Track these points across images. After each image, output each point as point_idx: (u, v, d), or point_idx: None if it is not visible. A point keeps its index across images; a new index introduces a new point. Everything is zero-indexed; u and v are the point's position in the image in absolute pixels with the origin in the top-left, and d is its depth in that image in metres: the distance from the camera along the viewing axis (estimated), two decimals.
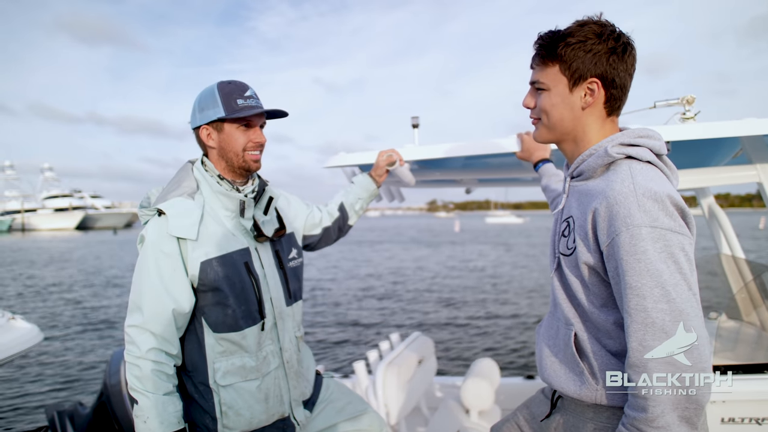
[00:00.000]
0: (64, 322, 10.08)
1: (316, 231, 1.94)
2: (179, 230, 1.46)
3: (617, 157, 1.12)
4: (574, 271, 1.16)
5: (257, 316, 1.55)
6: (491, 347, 7.97)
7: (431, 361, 3.41)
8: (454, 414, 3.03)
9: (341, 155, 2.25)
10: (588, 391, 1.15)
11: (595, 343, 1.16)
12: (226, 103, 1.52)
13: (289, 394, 1.64)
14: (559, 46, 1.15)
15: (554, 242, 1.29)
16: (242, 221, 1.57)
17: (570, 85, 1.17)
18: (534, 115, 1.27)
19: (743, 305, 2.56)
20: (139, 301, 1.45)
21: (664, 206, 1.01)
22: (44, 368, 7.01)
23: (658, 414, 0.97)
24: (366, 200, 2.08)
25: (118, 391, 2.92)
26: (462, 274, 17.03)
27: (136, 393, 1.42)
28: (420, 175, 2.74)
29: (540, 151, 1.90)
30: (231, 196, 1.55)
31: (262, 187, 1.66)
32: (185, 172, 1.60)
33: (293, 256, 1.72)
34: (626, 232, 1.00)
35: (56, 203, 70.38)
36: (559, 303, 1.25)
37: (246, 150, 1.56)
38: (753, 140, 1.88)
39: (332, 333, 9.00)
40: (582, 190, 1.18)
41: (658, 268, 0.97)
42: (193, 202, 1.52)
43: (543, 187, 1.83)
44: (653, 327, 0.97)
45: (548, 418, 1.34)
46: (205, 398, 1.52)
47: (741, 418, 1.91)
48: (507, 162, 2.55)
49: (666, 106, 1.92)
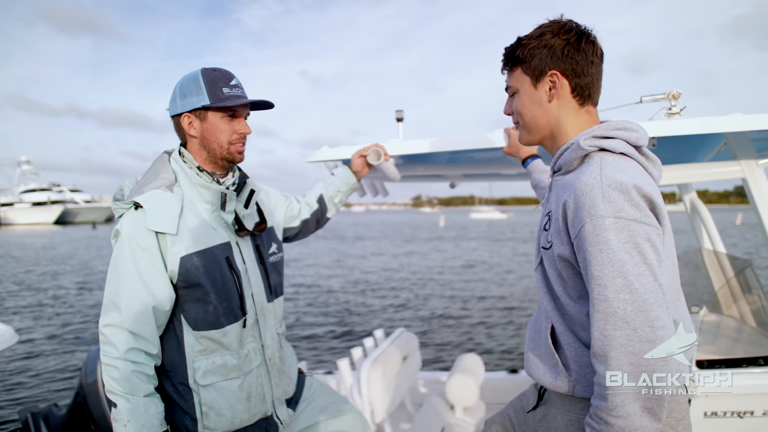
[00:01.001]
0: (39, 321, 9.86)
1: (294, 223, 1.90)
2: (158, 224, 1.39)
3: (589, 149, 1.13)
4: (552, 264, 1.18)
5: (239, 313, 1.50)
6: (474, 341, 8.00)
7: (416, 356, 3.39)
8: (438, 410, 3.03)
9: (324, 150, 2.21)
10: (562, 382, 1.17)
11: (569, 336, 1.17)
12: (211, 90, 1.45)
13: (272, 392, 1.60)
14: (518, 50, 1.22)
15: (538, 237, 1.31)
16: (223, 215, 1.52)
17: (533, 82, 1.22)
18: (514, 119, 1.33)
19: (724, 299, 2.59)
20: (116, 298, 1.39)
21: (629, 197, 1.01)
22: (18, 369, 6.84)
23: (618, 403, 0.97)
24: (345, 193, 2.05)
25: (94, 391, 2.85)
26: (447, 270, 17.10)
27: (114, 396, 1.36)
28: (405, 170, 2.71)
29: (527, 147, 1.87)
30: (211, 189, 1.49)
31: (243, 179, 1.61)
32: (162, 163, 1.53)
33: (273, 250, 1.68)
34: (590, 222, 1.01)
35: (34, 197, 68.94)
36: (541, 296, 1.26)
37: (231, 141, 1.50)
38: (738, 136, 1.89)
39: (316, 330, 8.96)
40: (560, 184, 1.19)
41: (620, 258, 0.98)
42: (171, 194, 1.45)
43: (533, 184, 1.82)
44: (614, 317, 0.97)
45: (535, 409, 1.36)
46: (185, 399, 1.47)
47: (723, 412, 1.93)
48: (492, 157, 2.54)
49: (652, 101, 1.91)
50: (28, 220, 65.99)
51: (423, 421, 2.93)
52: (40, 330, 9.04)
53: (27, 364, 7.06)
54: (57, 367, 6.99)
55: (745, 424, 1.91)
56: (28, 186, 71.97)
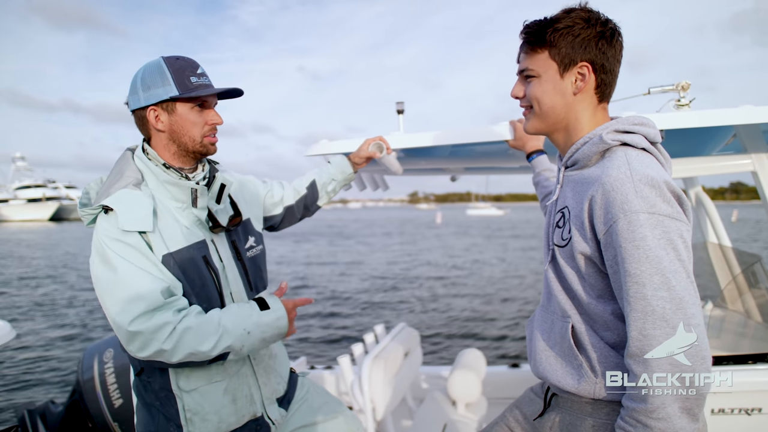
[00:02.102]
0: (36, 317, 9.80)
1: (277, 210, 1.82)
2: (133, 224, 1.29)
3: (612, 144, 1.10)
4: (570, 262, 1.14)
5: None
6: (476, 336, 8.00)
7: (417, 352, 3.36)
8: (440, 406, 2.99)
9: (323, 143, 2.16)
10: (587, 385, 1.12)
11: (593, 335, 1.13)
12: (179, 80, 1.35)
13: (260, 392, 1.53)
14: (548, 32, 1.14)
15: (548, 234, 1.26)
16: (195, 212, 1.43)
17: (560, 71, 1.15)
18: (524, 104, 1.25)
19: (729, 294, 2.57)
20: (123, 293, 1.25)
21: (662, 192, 0.98)
22: (14, 365, 6.80)
23: (658, 405, 0.94)
24: (340, 183, 1.97)
25: (91, 388, 2.84)
26: (447, 266, 17.10)
27: (216, 344, 1.29)
28: (406, 164, 2.67)
29: (534, 141, 1.83)
30: (181, 185, 1.40)
31: (213, 173, 1.51)
32: (125, 162, 1.42)
33: (251, 244, 1.60)
34: (624, 218, 0.97)
35: (29, 194, 68.73)
36: (554, 295, 1.21)
37: (204, 134, 1.41)
38: (749, 129, 1.86)
39: (316, 325, 8.93)
40: (577, 179, 1.15)
41: (657, 254, 0.95)
42: (141, 192, 1.35)
43: (535, 181, 1.78)
44: (653, 315, 0.95)
45: (542, 416, 1.30)
46: (168, 405, 1.40)
47: (731, 409, 1.91)
48: (494, 150, 2.50)
49: (660, 93, 1.88)
50: (22, 216, 65.78)
51: (425, 417, 2.91)
52: (37, 326, 8.98)
53: (24, 361, 7.01)
54: (54, 363, 6.95)
55: (752, 421, 1.89)
56: (22, 182, 71.77)
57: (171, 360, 1.27)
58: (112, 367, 2.86)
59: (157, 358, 1.27)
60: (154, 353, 1.25)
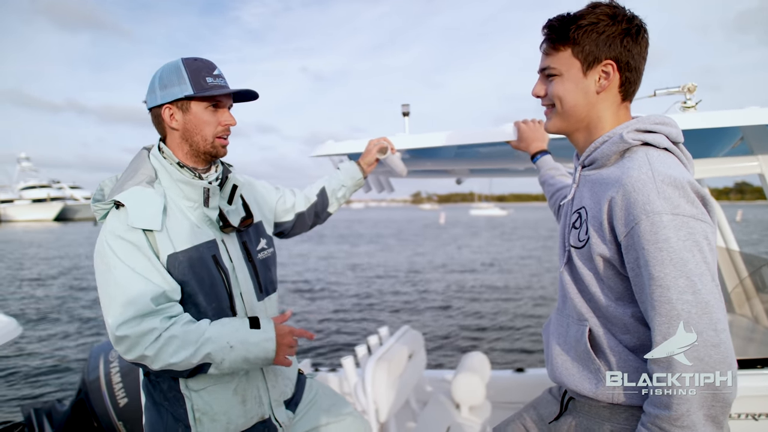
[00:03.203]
0: (43, 315, 9.84)
1: (288, 217, 1.82)
2: (142, 221, 1.31)
3: (633, 143, 1.08)
4: (587, 264, 1.12)
5: (229, 313, 1.43)
6: (480, 340, 7.98)
7: (421, 355, 3.35)
8: (444, 409, 2.99)
9: (329, 144, 2.16)
10: (605, 389, 1.10)
11: (611, 339, 1.10)
12: (195, 80, 1.38)
13: (268, 394, 1.53)
14: (571, 29, 1.11)
15: (564, 235, 1.23)
16: (207, 211, 1.44)
17: (584, 69, 1.13)
18: (546, 102, 1.23)
19: (737, 298, 2.55)
20: (117, 294, 1.27)
21: (685, 192, 0.96)
22: (20, 363, 6.82)
23: (683, 412, 0.91)
24: (350, 189, 1.98)
25: (96, 388, 2.87)
26: (452, 268, 17.07)
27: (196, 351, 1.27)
28: (411, 165, 2.67)
29: (538, 142, 1.82)
30: (193, 185, 1.41)
31: (226, 174, 1.53)
32: (141, 160, 1.45)
33: (262, 246, 1.60)
34: (646, 220, 0.95)
35: (34, 194, 69.00)
36: (570, 298, 1.19)
37: (216, 134, 1.43)
38: (755, 130, 1.84)
39: (321, 328, 8.93)
40: (595, 180, 1.13)
41: (682, 257, 0.92)
42: (152, 190, 1.38)
43: (541, 180, 1.76)
44: (678, 320, 0.92)
45: (558, 420, 1.29)
46: (177, 405, 1.41)
47: (737, 414, 1.89)
48: (499, 152, 2.49)
49: (666, 95, 1.87)
50: (27, 216, 66.06)
51: (428, 420, 2.90)
52: (43, 325, 9.02)
53: (30, 360, 7.04)
54: (62, 362, 6.98)
55: (759, 426, 1.87)
56: (27, 183, 72.03)
57: (152, 366, 1.29)
58: (117, 367, 2.88)
59: (141, 362, 1.30)
60: (137, 358, 1.28)
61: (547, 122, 1.25)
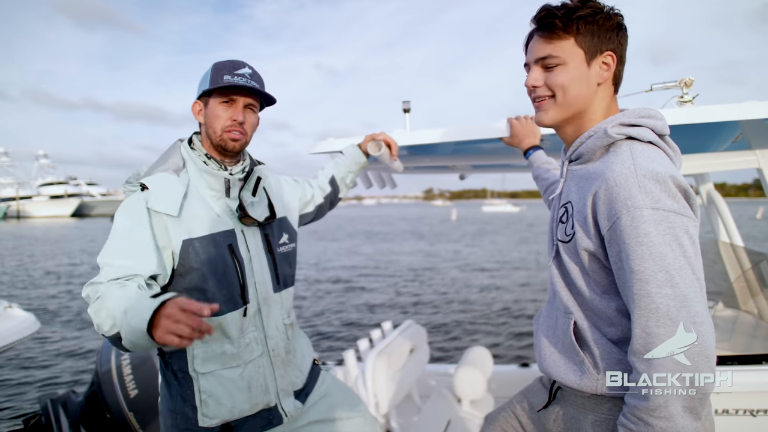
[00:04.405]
0: (59, 310, 10.04)
1: (309, 209, 1.90)
2: (160, 204, 1.40)
3: (617, 137, 1.08)
4: (574, 258, 1.13)
5: (239, 301, 1.48)
6: (485, 334, 7.97)
7: (423, 349, 3.38)
8: (445, 403, 3.01)
9: (330, 141, 2.19)
10: (588, 381, 1.12)
11: (595, 332, 1.12)
12: (214, 77, 1.47)
13: (276, 383, 1.57)
14: (573, 18, 1.10)
15: (552, 229, 1.25)
16: (228, 201, 1.52)
17: (587, 59, 1.12)
18: (543, 93, 1.18)
19: (741, 294, 2.53)
20: (105, 249, 1.33)
21: (667, 187, 0.97)
22: (38, 356, 6.97)
23: (660, 403, 0.94)
24: (356, 173, 2.05)
25: (109, 379, 2.95)
26: (457, 264, 17.04)
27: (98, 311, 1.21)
28: (410, 162, 2.69)
29: (530, 138, 1.83)
30: (216, 175, 1.50)
31: (252, 167, 1.60)
32: (173, 150, 1.55)
33: (284, 241, 1.66)
34: (627, 214, 0.96)
35: (51, 190, 70.16)
36: (557, 291, 1.21)
37: (224, 128, 1.49)
38: (753, 124, 1.83)
39: (324, 322, 8.99)
40: (581, 174, 1.14)
41: (661, 251, 0.94)
42: (177, 178, 1.47)
43: (535, 175, 1.77)
44: (657, 313, 0.93)
45: (546, 408, 1.32)
46: (185, 386, 1.47)
47: (735, 409, 1.88)
48: (500, 148, 2.49)
49: (663, 89, 1.86)
50: (45, 213, 67.16)
51: (430, 413, 2.93)
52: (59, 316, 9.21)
53: (46, 350, 7.19)
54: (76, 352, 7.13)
55: (757, 422, 1.86)
56: (45, 179, 73.30)
57: (98, 329, 1.24)
58: (128, 359, 2.97)
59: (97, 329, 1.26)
60: (92, 319, 1.25)
61: (542, 114, 1.20)
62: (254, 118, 1.56)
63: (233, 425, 1.50)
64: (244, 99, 1.51)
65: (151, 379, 2.88)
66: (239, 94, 1.49)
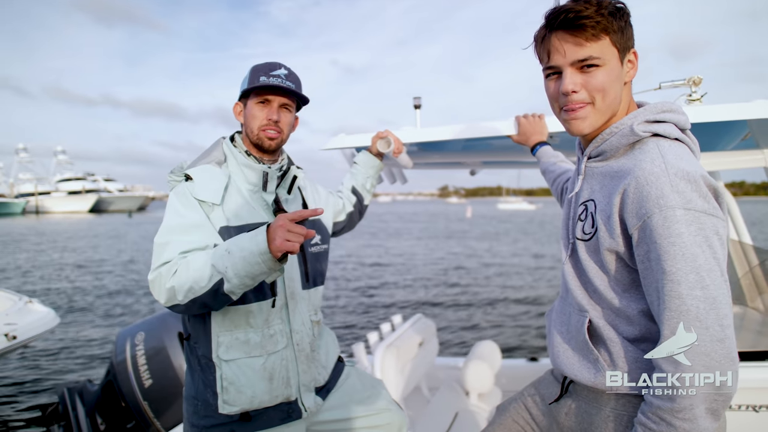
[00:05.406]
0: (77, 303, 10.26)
1: (341, 217, 1.97)
2: (203, 193, 1.48)
3: (643, 135, 1.06)
4: (593, 256, 1.12)
5: (268, 292, 1.52)
6: (495, 328, 7.98)
7: (433, 343, 3.42)
8: (454, 395, 3.06)
9: (341, 137, 2.24)
10: (603, 378, 1.11)
11: (610, 330, 1.11)
12: (251, 79, 1.56)
13: (298, 377, 1.58)
14: (605, 16, 1.03)
15: (568, 227, 1.23)
16: (264, 195, 1.59)
17: (621, 58, 1.07)
18: (581, 98, 1.09)
19: (748, 291, 2.53)
20: (158, 242, 1.41)
21: (698, 187, 0.95)
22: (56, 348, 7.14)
23: (686, 406, 0.93)
24: (374, 177, 2.10)
25: (123, 369, 3.01)
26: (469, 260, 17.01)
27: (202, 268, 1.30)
28: (421, 158, 2.72)
29: (537, 135, 1.85)
30: (255, 168, 1.57)
31: (289, 167, 1.67)
32: (216, 145, 1.63)
33: (316, 242, 1.71)
34: (659, 213, 0.95)
35: (70, 186, 71.23)
36: (571, 289, 1.20)
37: (260, 127, 1.57)
38: (761, 123, 1.83)
39: (337, 316, 9.07)
40: (604, 172, 1.12)
41: (693, 252, 0.93)
42: (219, 169, 1.55)
43: (542, 169, 1.79)
44: (687, 315, 0.92)
45: (558, 401, 1.31)
46: (208, 372, 1.51)
47: (738, 405, 1.89)
48: (510, 145, 2.51)
49: (672, 87, 1.87)
50: (64, 208, 68.25)
51: (438, 405, 2.97)
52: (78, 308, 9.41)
53: (63, 340, 7.37)
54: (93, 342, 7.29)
55: (760, 417, 1.88)
56: (63, 175, 74.35)
57: (179, 298, 1.33)
58: (143, 350, 3.02)
59: (170, 303, 1.36)
60: (166, 294, 1.35)
61: (579, 123, 1.12)
62: (290, 117, 1.62)
63: (252, 415, 1.52)
64: (279, 99, 1.58)
65: (166, 369, 2.94)
66: (274, 94, 1.56)
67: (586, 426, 1.19)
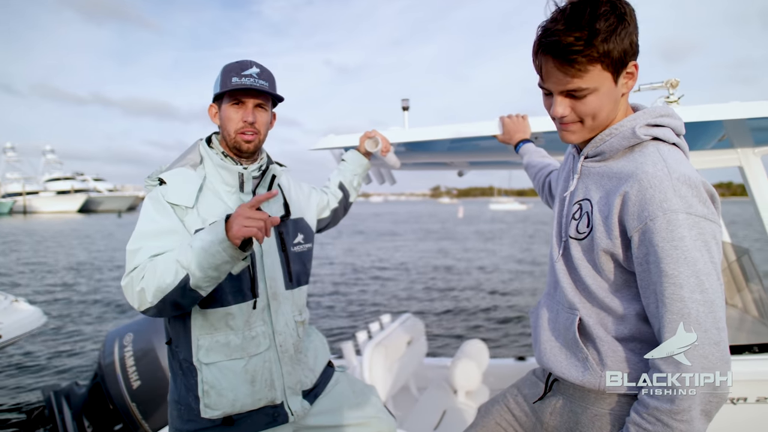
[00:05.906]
0: (63, 303, 10.17)
1: (325, 214, 1.95)
2: (176, 197, 1.46)
3: (644, 138, 1.08)
4: (587, 255, 1.13)
5: (248, 294, 1.49)
6: (482, 328, 8.03)
7: (421, 342, 3.45)
8: (442, 394, 3.09)
9: (330, 137, 2.26)
10: (592, 377, 1.13)
11: (600, 329, 1.13)
12: (223, 80, 1.51)
13: (283, 380, 1.56)
14: (595, 44, 0.99)
15: (561, 225, 1.23)
16: (242, 196, 1.55)
17: (615, 79, 1.05)
18: (570, 120, 1.12)
19: (726, 288, 2.58)
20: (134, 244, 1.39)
21: (699, 192, 0.98)
22: (42, 349, 7.08)
23: (684, 407, 0.95)
24: (361, 175, 2.10)
25: (111, 371, 2.97)
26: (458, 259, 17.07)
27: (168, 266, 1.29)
28: (408, 158, 2.75)
29: (520, 134, 1.89)
30: (230, 169, 1.54)
31: (268, 165, 1.64)
32: (193, 147, 1.61)
33: (299, 241, 1.68)
34: (663, 217, 0.96)
35: (58, 186, 70.27)
36: (562, 287, 1.21)
37: (237, 130, 1.53)
38: (735, 124, 1.88)
39: (325, 316, 9.07)
40: (602, 172, 1.13)
41: (693, 256, 0.95)
42: (194, 172, 1.53)
43: (525, 165, 1.81)
44: (688, 318, 0.94)
45: (542, 400, 1.31)
46: (189, 376, 1.49)
47: None
48: (496, 145, 2.55)
49: (650, 90, 1.92)
50: (52, 208, 67.35)
51: (426, 403, 3.00)
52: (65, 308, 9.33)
53: (50, 343, 7.29)
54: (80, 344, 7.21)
55: (737, 410, 1.93)
56: (52, 175, 73.27)
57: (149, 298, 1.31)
58: (131, 351, 2.97)
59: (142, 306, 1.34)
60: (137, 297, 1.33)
61: (569, 135, 1.15)
62: (266, 116, 1.58)
63: (235, 419, 1.49)
64: (253, 100, 1.53)
65: (154, 371, 2.90)
66: (247, 95, 1.52)
67: (572, 425, 1.20)
